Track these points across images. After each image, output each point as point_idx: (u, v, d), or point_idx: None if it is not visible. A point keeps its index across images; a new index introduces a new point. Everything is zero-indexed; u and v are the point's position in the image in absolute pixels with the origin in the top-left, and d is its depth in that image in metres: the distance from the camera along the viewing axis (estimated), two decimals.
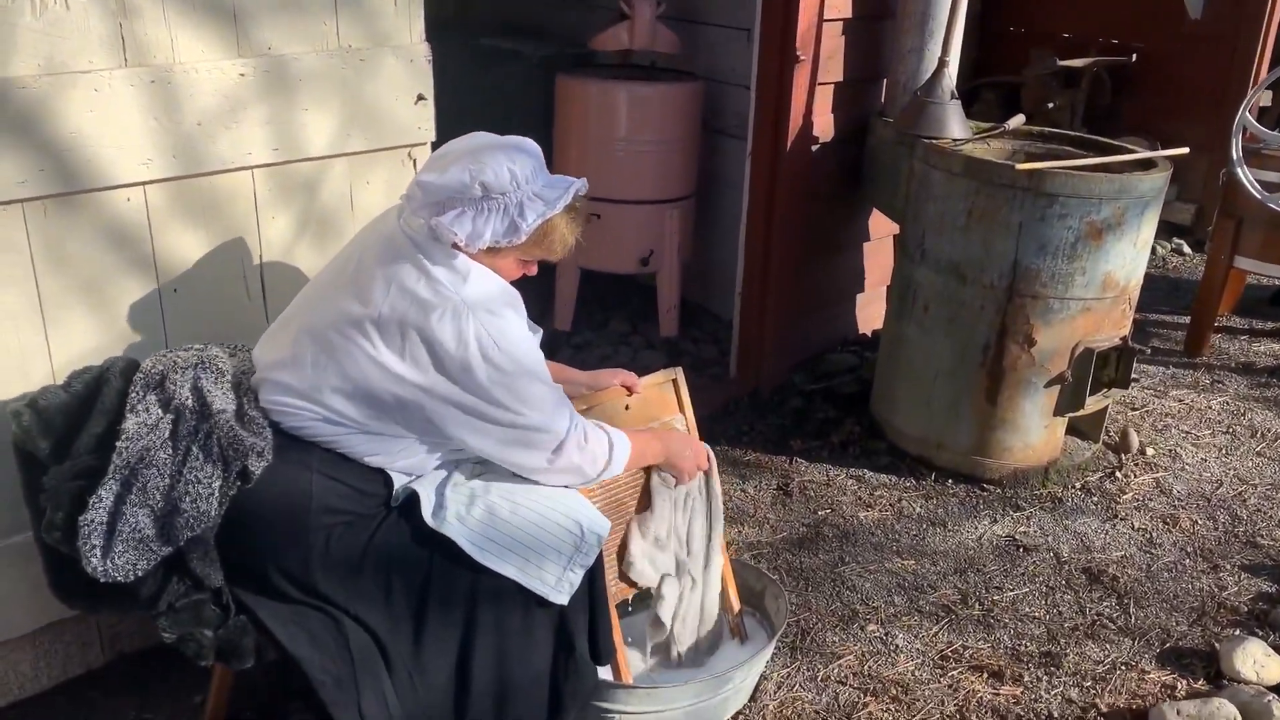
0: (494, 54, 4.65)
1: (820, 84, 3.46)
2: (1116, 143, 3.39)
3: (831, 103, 3.55)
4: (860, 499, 3.22)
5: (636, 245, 3.95)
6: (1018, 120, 3.51)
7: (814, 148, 3.54)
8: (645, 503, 2.25)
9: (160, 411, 1.89)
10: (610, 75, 3.97)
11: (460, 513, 1.91)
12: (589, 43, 3.97)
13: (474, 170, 1.87)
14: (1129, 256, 3.07)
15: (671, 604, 2.28)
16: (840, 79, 3.52)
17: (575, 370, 2.37)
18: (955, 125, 3.27)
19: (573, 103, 3.86)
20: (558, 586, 1.94)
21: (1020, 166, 2.92)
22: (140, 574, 1.79)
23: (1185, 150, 3.31)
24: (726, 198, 4.03)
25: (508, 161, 1.89)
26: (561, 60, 4.51)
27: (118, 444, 1.84)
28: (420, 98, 2.48)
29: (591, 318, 4.45)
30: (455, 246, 1.90)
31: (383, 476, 1.93)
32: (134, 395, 1.91)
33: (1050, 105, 5.76)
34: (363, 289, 1.90)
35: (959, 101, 3.29)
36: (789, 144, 3.44)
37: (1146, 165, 3.18)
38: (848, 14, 3.44)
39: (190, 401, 1.89)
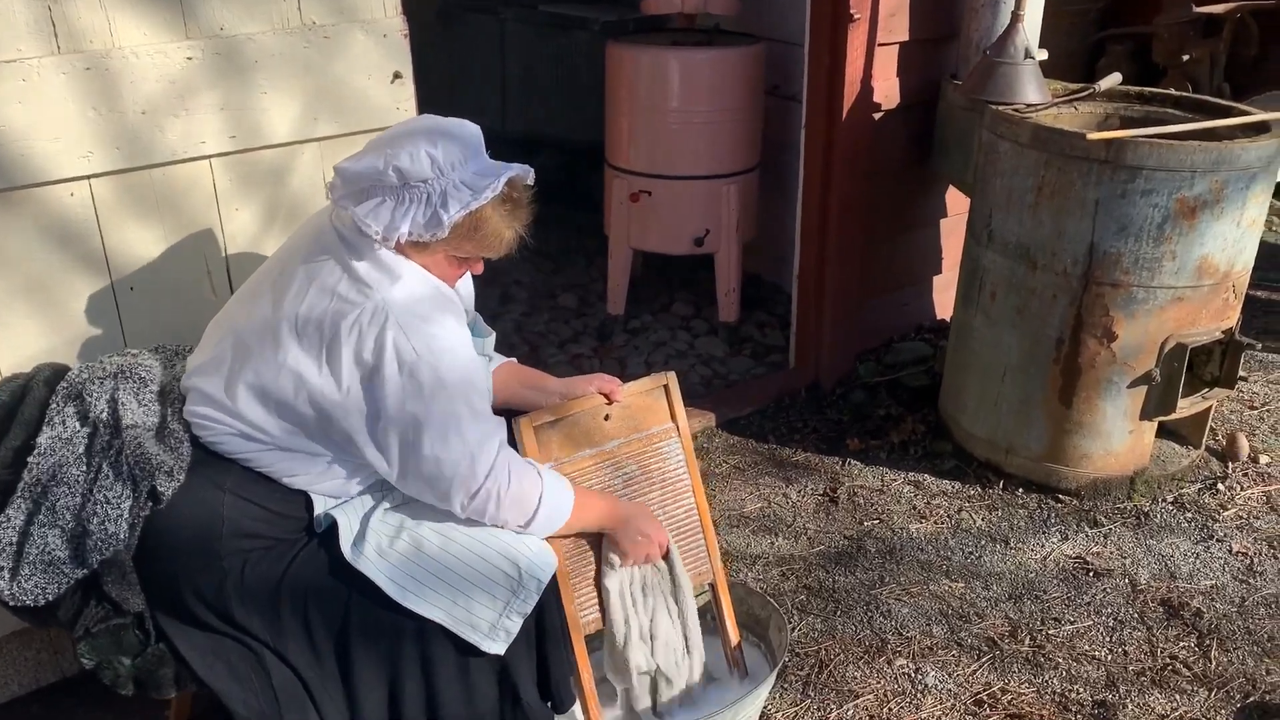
0: (556, 21, 4.43)
1: (881, 45, 3.10)
2: (1231, 104, 2.93)
3: (896, 65, 3.19)
4: (915, 508, 2.91)
5: (690, 224, 3.69)
6: (1111, 80, 3.07)
7: (876, 116, 3.20)
8: (600, 601, 2.01)
9: (77, 425, 1.78)
10: (662, 41, 3.70)
11: (382, 546, 1.73)
12: (641, 7, 3.70)
13: (390, 155, 1.67)
14: (1231, 238, 2.64)
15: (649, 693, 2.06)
16: (905, 39, 3.16)
17: (549, 377, 2.15)
18: (1030, 88, 2.87)
19: (621, 72, 3.61)
20: (491, 634, 1.74)
21: (1093, 136, 2.53)
22: (51, 598, 1.68)
23: None
24: (797, 168, 3.71)
25: (428, 146, 1.68)
26: (625, 27, 4.26)
27: (29, 459, 1.73)
28: (397, 76, 2.29)
29: (654, 298, 4.22)
30: (382, 241, 1.71)
31: (304, 499, 1.77)
32: (53, 407, 1.80)
33: (1186, 58, 5.17)
34: (283, 288, 1.73)
35: (1035, 62, 2.89)
36: (845, 113, 3.11)
37: (1261, 129, 2.72)
38: None
39: (105, 415, 1.77)
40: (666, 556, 2.01)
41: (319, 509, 1.76)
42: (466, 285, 2.05)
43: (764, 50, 3.65)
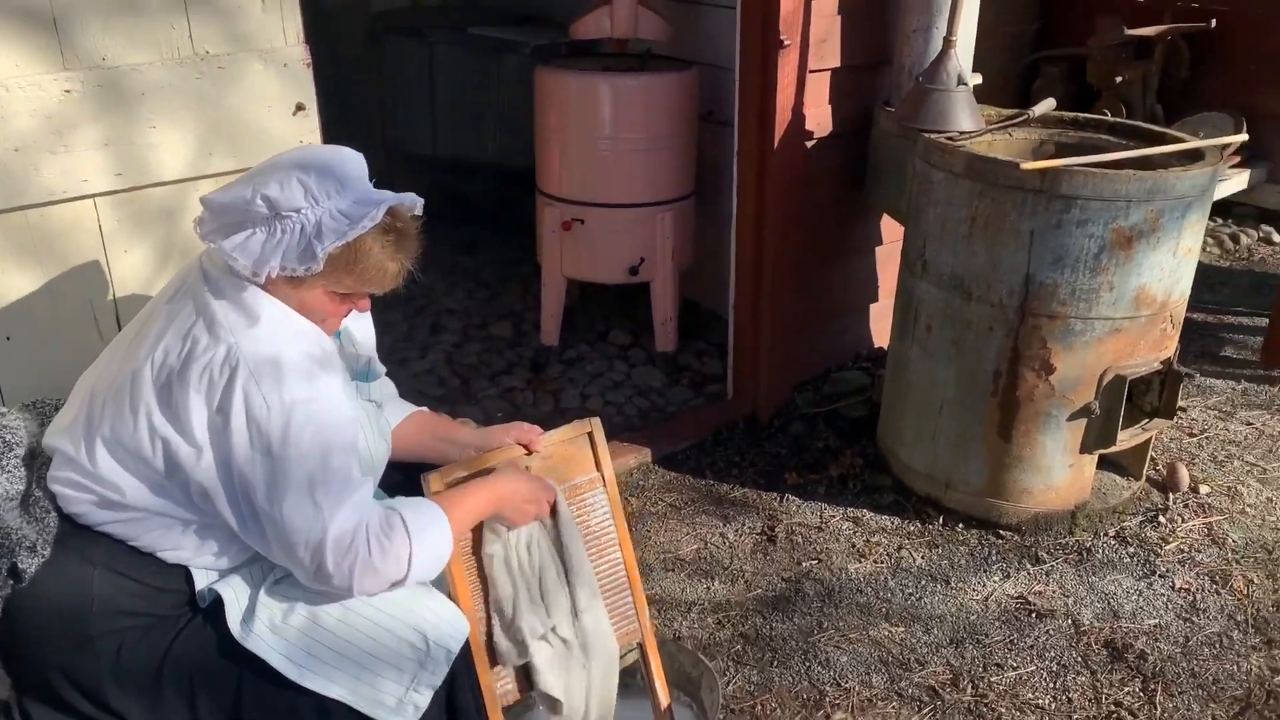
0: (486, 44, 4.31)
1: (813, 71, 3.03)
2: (1164, 130, 2.89)
3: (829, 92, 3.12)
4: (854, 546, 2.82)
5: (624, 253, 3.59)
6: (1046, 105, 3.03)
7: (809, 144, 3.12)
8: (481, 570, 1.86)
9: None
10: (593, 66, 3.60)
11: (275, 621, 1.59)
12: (570, 32, 3.60)
13: (259, 184, 1.55)
14: (1168, 268, 2.59)
15: (555, 673, 1.88)
16: (837, 65, 3.09)
17: (462, 426, 2.03)
18: (963, 115, 2.81)
19: (551, 98, 3.51)
20: (399, 709, 1.61)
21: (1026, 166, 2.47)
22: None
23: (1244, 137, 2.80)
24: (732, 194, 3.63)
25: (300, 174, 1.56)
26: (557, 51, 4.16)
27: None
28: (300, 107, 2.16)
29: (591, 327, 4.11)
30: (251, 277, 1.58)
31: (184, 572, 1.62)
32: None
33: (1119, 80, 5.17)
34: (144, 336, 1.60)
35: (968, 88, 2.83)
36: (776, 141, 3.03)
37: (1195, 157, 2.68)
38: None
39: None
40: (554, 512, 1.88)
41: (201, 583, 1.62)
42: (365, 329, 1.92)
43: (697, 75, 3.57)
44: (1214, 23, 4.87)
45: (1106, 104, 5.28)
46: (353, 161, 1.65)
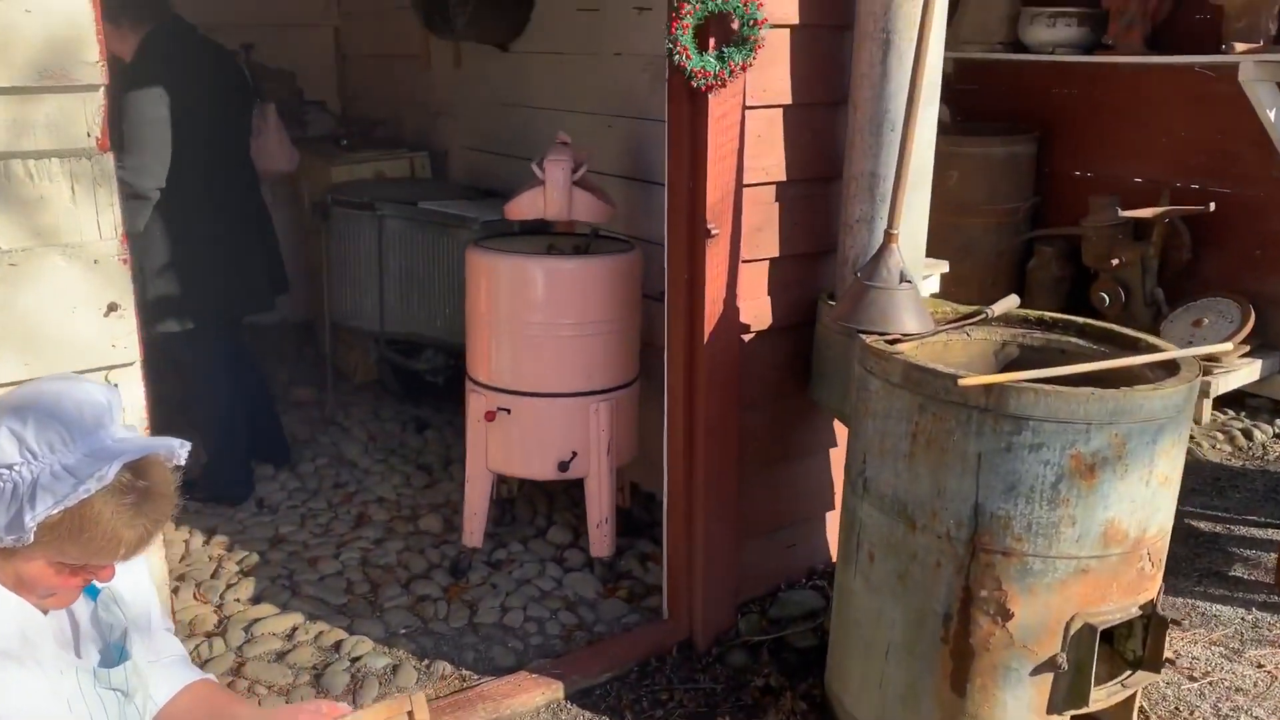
0: (435, 219, 4.13)
1: (747, 261, 2.76)
2: (1140, 335, 2.57)
3: (767, 283, 2.85)
4: None
5: (553, 447, 3.26)
6: (1007, 304, 2.72)
7: (745, 337, 2.83)
8: None
9: None
10: (528, 248, 3.37)
11: None
12: (504, 211, 3.38)
13: None
14: (1141, 499, 2.22)
15: None
16: (775, 254, 2.83)
17: (245, 704, 1.67)
18: (906, 315, 2.51)
19: (479, 279, 3.26)
20: None
21: (964, 381, 2.14)
22: None
23: (1227, 347, 2.47)
24: None
25: (15, 422, 1.27)
26: (508, 227, 3.95)
27: None
28: (113, 307, 1.89)
29: (531, 520, 3.75)
30: None
31: None
32: None
33: (1116, 261, 4.90)
34: None
35: (913, 286, 2.53)
36: (707, 335, 2.73)
37: (1170, 369, 2.35)
38: (779, 177, 2.76)
39: None
40: None
41: None
42: (137, 586, 1.59)
43: (641, 256, 3.32)
44: (1213, 206, 4.61)
45: (1104, 286, 5.00)
46: (93, 403, 1.36)
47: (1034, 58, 5.20)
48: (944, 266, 3.36)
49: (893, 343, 2.47)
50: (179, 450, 1.39)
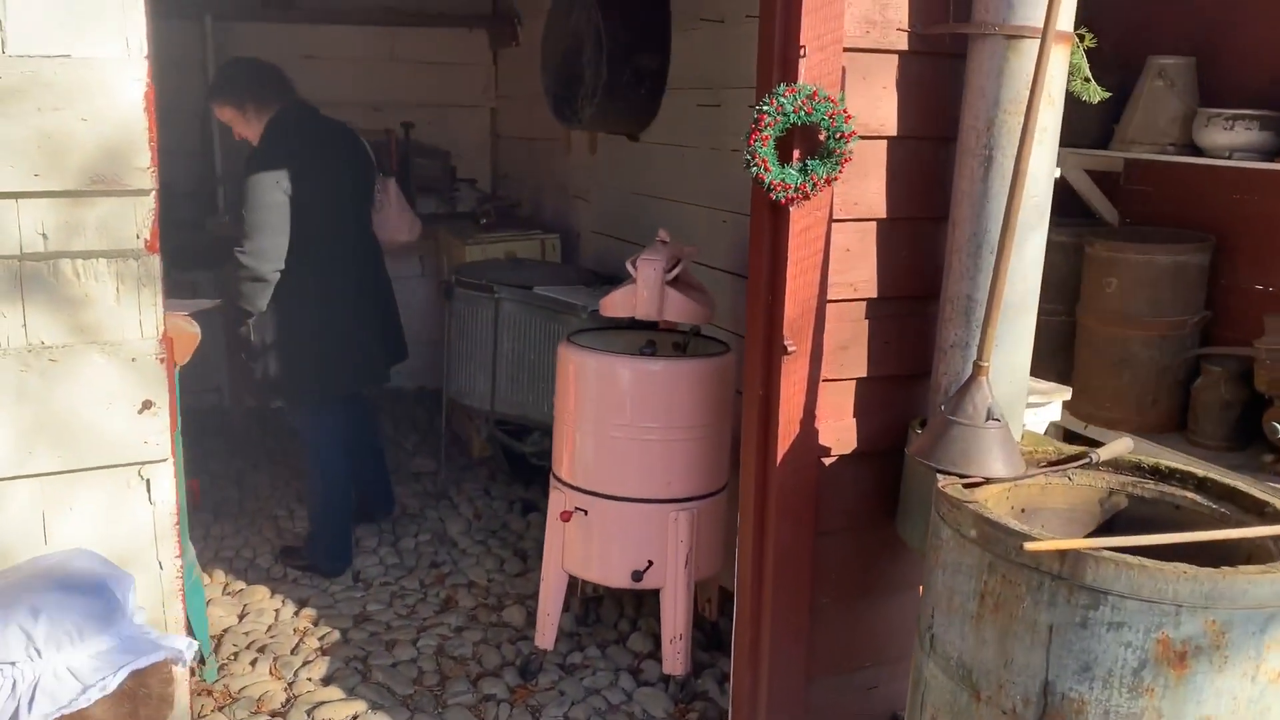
0: (548, 304, 4.13)
1: (829, 380, 2.60)
2: (1269, 497, 2.25)
3: (854, 404, 2.67)
4: None
5: (628, 554, 3.15)
6: (1118, 447, 2.45)
7: (826, 461, 2.65)
8: None
9: None
10: (619, 345, 3.31)
11: None
12: (600, 306, 3.33)
13: None
14: (1244, 698, 1.91)
15: None
16: (863, 375, 2.65)
17: None
18: (993, 457, 2.28)
19: (567, 375, 3.21)
20: None
21: (1031, 546, 1.91)
22: None
23: None
24: None
25: (28, 618, 1.24)
26: (613, 319, 3.91)
27: None
28: (147, 405, 1.92)
29: (616, 623, 3.64)
30: None
31: None
32: None
33: None
34: None
35: (1002, 424, 2.31)
36: (780, 458, 2.58)
37: None
38: (869, 294, 2.59)
39: None
40: None
41: None
42: None
43: (737, 359, 3.20)
44: None
45: (1277, 416, 4.51)
46: (105, 596, 1.34)
47: (1210, 162, 4.81)
48: (1065, 393, 3.08)
49: (974, 486, 2.26)
50: (185, 653, 1.36)
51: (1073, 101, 2.70)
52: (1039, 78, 2.18)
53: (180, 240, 4.38)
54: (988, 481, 2.27)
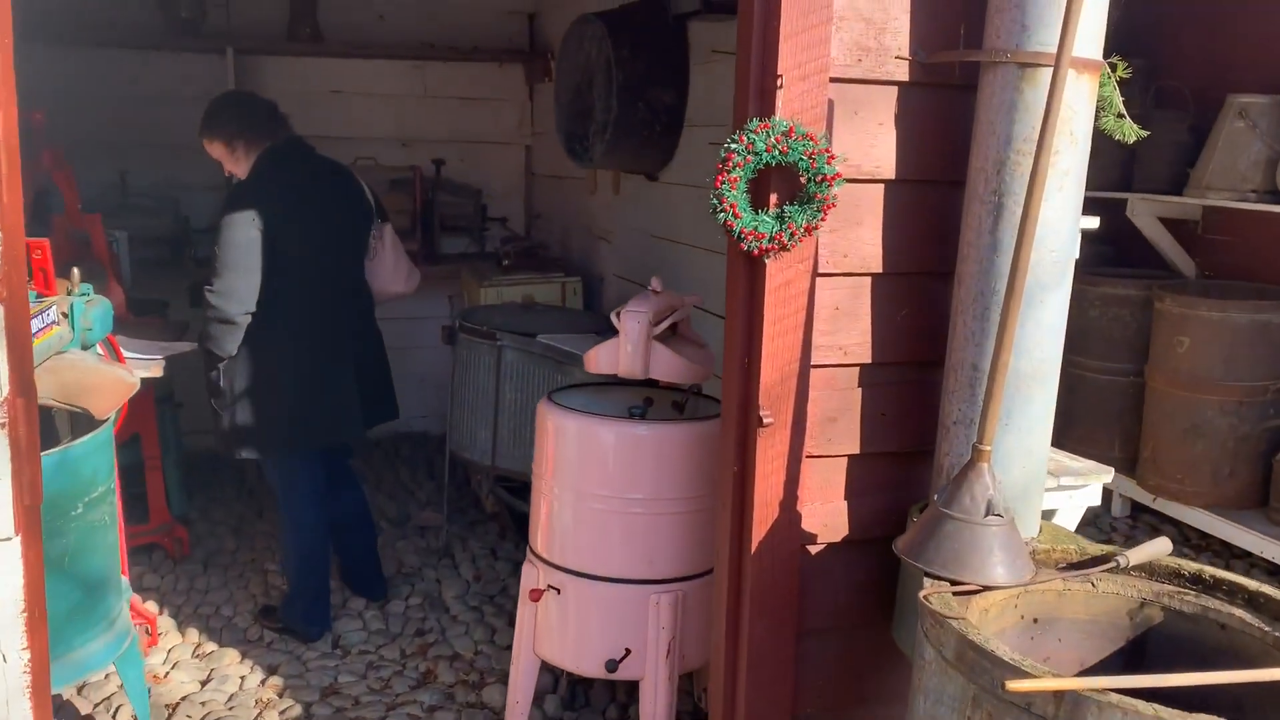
0: (553, 355, 3.85)
1: (814, 457, 2.26)
2: None
3: (845, 485, 2.32)
4: None
5: (602, 640, 2.82)
6: (1153, 549, 2.06)
7: (812, 549, 2.31)
8: None
9: None
10: (606, 404, 3.00)
11: None
12: (584, 366, 3.04)
13: None
14: None
15: None
16: (855, 451, 2.30)
17: None
18: (993, 561, 1.91)
19: (546, 434, 2.92)
20: None
21: (1015, 685, 1.54)
22: None
23: None
24: None
25: None
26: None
27: None
28: None
29: (604, 712, 3.30)
30: None
31: None
32: None
33: None
34: None
35: (1005, 520, 1.94)
36: (755, 544, 2.24)
37: None
38: (863, 359, 2.25)
39: None
40: None
41: None
42: None
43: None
44: None
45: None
46: None
47: None
48: (1106, 475, 2.67)
49: (970, 592, 1.89)
50: None
51: (1147, 143, 2.35)
52: (1051, 109, 1.84)
53: (197, 277, 4.21)
54: (984, 589, 1.91)
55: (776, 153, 2.03)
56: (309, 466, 3.55)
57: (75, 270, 2.79)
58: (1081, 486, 2.69)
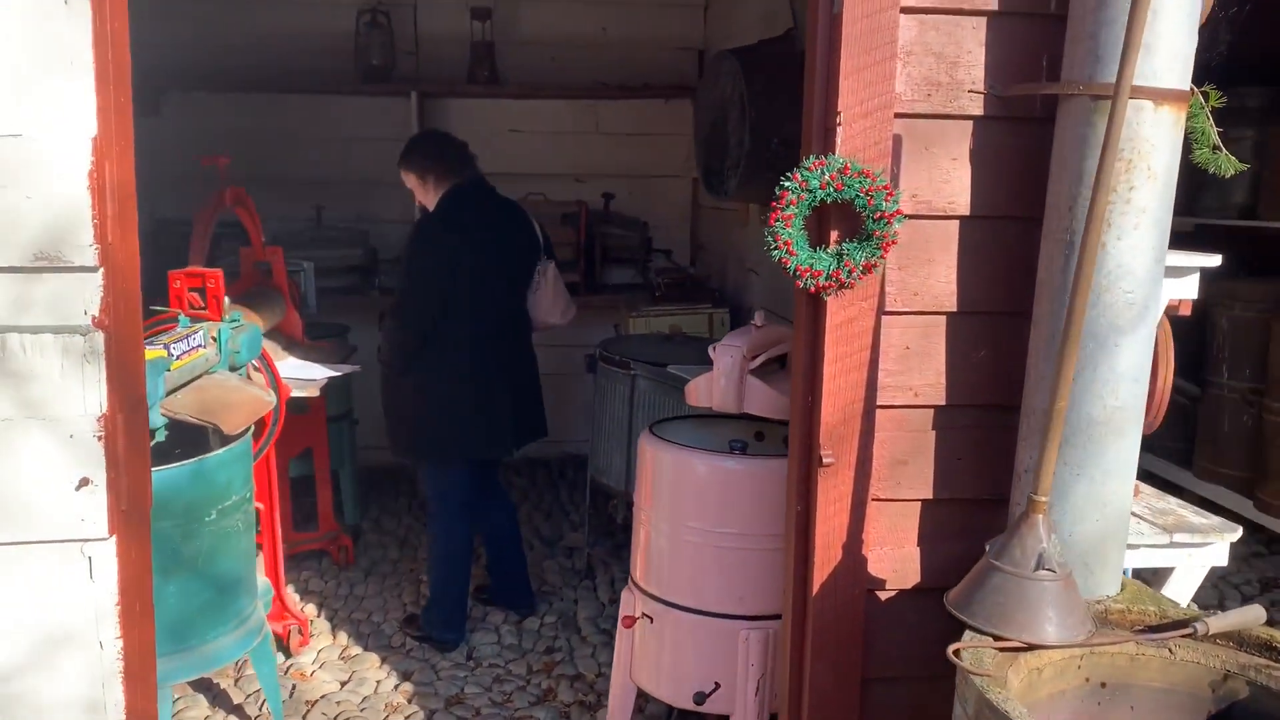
0: (681, 385, 3.89)
1: (881, 500, 2.20)
2: None
3: (918, 530, 2.25)
4: None
5: (692, 672, 2.83)
6: (1242, 617, 1.89)
7: (881, 595, 2.25)
8: None
9: None
10: (710, 437, 3.02)
11: None
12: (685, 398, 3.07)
13: None
14: None
15: None
16: (928, 496, 2.23)
17: None
18: (1042, 618, 1.81)
19: (645, 466, 2.97)
20: None
21: None
22: None
23: None
24: None
25: None
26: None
27: None
28: (85, 482, 1.91)
29: None
30: None
31: None
32: None
33: None
34: None
35: (1059, 575, 1.83)
36: (816, 587, 2.21)
37: None
38: (936, 400, 2.18)
39: None
40: None
41: None
42: None
43: None
44: None
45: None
46: None
47: None
48: (1235, 533, 2.44)
49: (1016, 649, 1.81)
50: None
51: None
52: (1109, 144, 1.75)
53: (383, 305, 4.54)
54: (1030, 648, 1.81)
55: (831, 189, 2.02)
56: (460, 478, 3.79)
57: (226, 299, 3.09)
58: (1205, 545, 2.47)
